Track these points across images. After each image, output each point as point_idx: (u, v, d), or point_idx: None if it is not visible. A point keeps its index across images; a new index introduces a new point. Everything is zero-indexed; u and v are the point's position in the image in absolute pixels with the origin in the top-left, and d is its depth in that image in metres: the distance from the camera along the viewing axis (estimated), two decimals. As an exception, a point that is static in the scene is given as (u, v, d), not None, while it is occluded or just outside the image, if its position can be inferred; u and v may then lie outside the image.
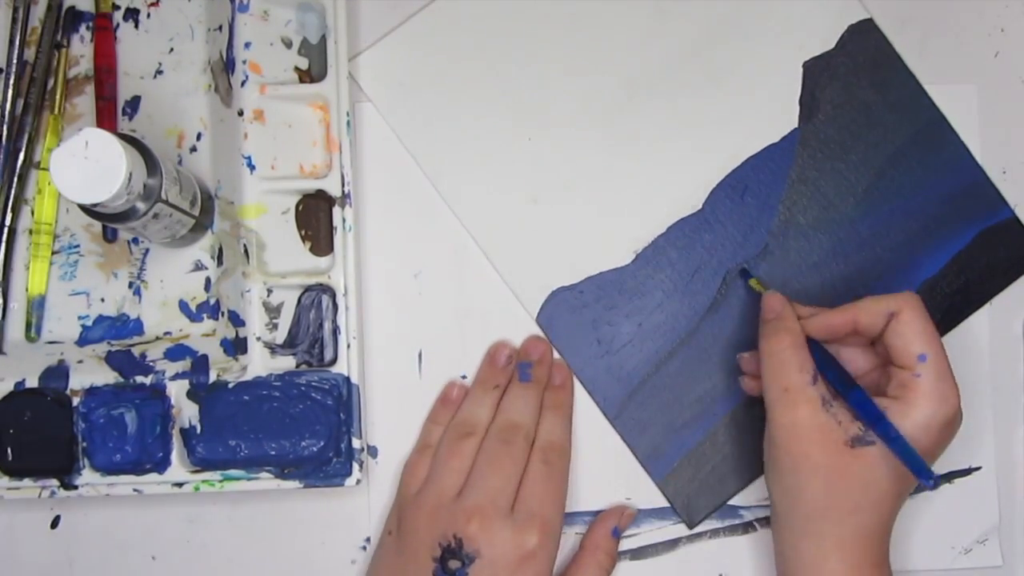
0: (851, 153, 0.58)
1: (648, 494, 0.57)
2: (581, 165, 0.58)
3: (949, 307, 0.57)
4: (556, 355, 0.57)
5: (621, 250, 0.58)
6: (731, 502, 0.57)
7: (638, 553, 0.57)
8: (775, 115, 0.58)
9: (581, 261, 0.58)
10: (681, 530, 0.57)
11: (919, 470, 0.47)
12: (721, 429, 0.57)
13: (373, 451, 0.57)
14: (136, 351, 0.55)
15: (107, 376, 0.54)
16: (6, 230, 0.56)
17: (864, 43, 0.58)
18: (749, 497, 0.57)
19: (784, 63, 0.58)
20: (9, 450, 0.54)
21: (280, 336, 0.55)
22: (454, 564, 0.51)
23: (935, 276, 0.57)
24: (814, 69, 0.58)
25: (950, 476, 0.57)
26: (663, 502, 0.57)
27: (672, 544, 0.57)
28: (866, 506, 0.49)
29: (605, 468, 0.57)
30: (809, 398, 0.49)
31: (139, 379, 0.54)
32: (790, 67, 0.58)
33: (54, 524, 0.57)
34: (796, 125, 0.58)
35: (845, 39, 0.58)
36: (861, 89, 0.58)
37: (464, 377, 0.57)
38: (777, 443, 0.50)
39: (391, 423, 0.57)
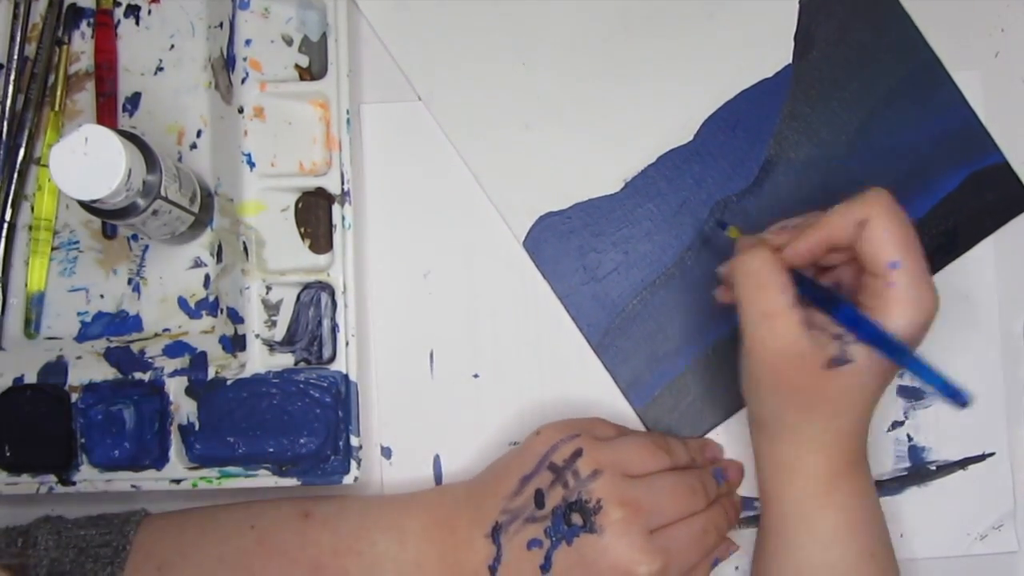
0: (844, 91, 0.58)
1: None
2: (574, 93, 0.58)
3: (937, 248, 0.57)
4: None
5: (611, 178, 0.58)
6: (746, 494, 0.57)
7: None
8: (770, 50, 0.58)
9: (570, 188, 0.58)
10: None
11: (953, 394, 0.45)
12: (704, 361, 0.57)
13: (387, 452, 0.57)
14: (135, 347, 0.55)
15: (106, 372, 0.54)
16: (6, 226, 0.56)
17: None
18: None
19: None
20: (7, 446, 0.54)
21: (279, 333, 0.55)
22: (576, 519, 0.49)
23: (924, 217, 0.57)
24: (810, 6, 0.58)
25: (964, 463, 0.57)
26: None
27: None
28: (843, 411, 0.48)
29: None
30: (793, 322, 0.47)
31: (138, 375, 0.54)
32: (786, 2, 0.58)
33: (52, 520, 0.57)
34: (790, 61, 0.58)
35: None
36: (857, 28, 0.58)
37: (476, 376, 0.57)
38: (757, 362, 0.48)
39: (403, 423, 0.57)
